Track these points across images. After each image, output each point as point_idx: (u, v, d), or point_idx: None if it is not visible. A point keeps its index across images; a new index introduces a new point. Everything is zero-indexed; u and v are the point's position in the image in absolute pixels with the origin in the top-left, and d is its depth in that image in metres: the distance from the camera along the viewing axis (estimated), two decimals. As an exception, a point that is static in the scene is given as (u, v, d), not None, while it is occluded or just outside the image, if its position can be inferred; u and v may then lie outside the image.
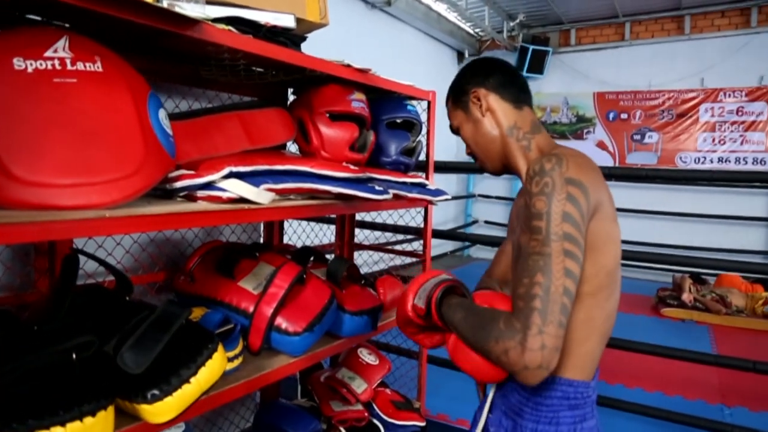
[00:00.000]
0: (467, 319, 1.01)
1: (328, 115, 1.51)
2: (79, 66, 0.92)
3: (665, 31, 7.20)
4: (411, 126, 1.86)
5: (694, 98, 7.01)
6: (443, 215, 8.03)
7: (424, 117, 1.95)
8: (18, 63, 0.86)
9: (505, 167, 1.20)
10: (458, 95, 1.22)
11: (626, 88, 7.37)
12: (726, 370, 3.55)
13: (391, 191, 1.57)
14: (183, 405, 0.96)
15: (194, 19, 0.97)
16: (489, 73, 1.18)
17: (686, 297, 5.35)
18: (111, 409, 0.87)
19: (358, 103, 1.55)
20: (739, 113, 6.81)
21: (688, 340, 4.51)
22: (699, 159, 7.05)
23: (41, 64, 0.88)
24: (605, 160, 7.49)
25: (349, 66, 1.45)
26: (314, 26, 1.45)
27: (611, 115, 7.49)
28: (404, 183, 1.72)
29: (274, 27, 1.24)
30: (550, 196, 0.92)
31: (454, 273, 1.19)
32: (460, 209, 8.75)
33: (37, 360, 0.85)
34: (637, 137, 7.37)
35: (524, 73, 7.69)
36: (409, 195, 1.70)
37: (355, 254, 2.35)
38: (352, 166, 1.45)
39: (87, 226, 0.85)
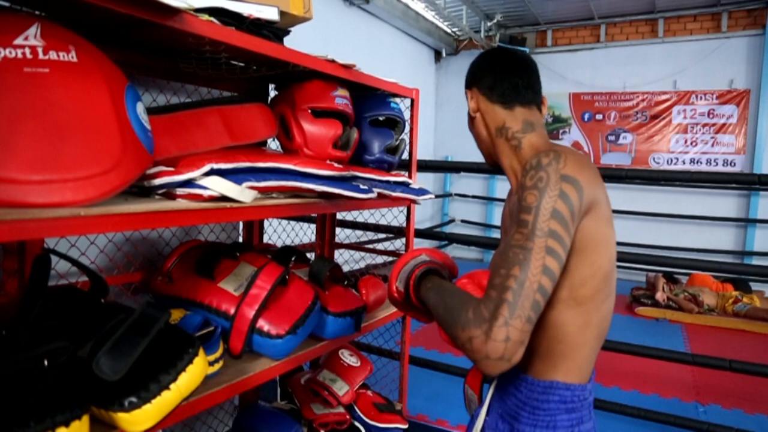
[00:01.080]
0: (441, 303, 0.99)
1: (311, 111, 1.47)
2: (52, 55, 0.87)
3: (639, 33, 7.31)
4: (394, 124, 1.83)
5: (667, 100, 7.14)
6: (421, 214, 8.04)
7: (407, 115, 1.93)
8: (-15, 51, 0.81)
9: (496, 164, 1.20)
10: (466, 88, 1.23)
11: (601, 90, 7.46)
12: (700, 369, 3.62)
13: (375, 190, 1.54)
14: (162, 412, 0.92)
15: (176, 9, 0.93)
16: (482, 74, 1.17)
17: (660, 296, 5.43)
18: (86, 419, 0.82)
19: (341, 99, 1.52)
20: (710, 116, 6.95)
21: (662, 339, 4.58)
22: (672, 160, 7.17)
23: (10, 53, 0.83)
24: (581, 160, 7.56)
25: (333, 61, 1.42)
26: (298, 20, 1.41)
27: (587, 116, 7.58)
28: (388, 182, 1.69)
29: (258, 19, 1.20)
30: (543, 191, 0.91)
31: None
32: (437, 208, 8.77)
33: (5, 367, 0.80)
34: (612, 138, 7.47)
35: (502, 74, 7.72)
36: (393, 194, 1.67)
37: (336, 253, 2.31)
38: (335, 164, 1.42)
39: (61, 225, 0.80)
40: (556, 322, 1.00)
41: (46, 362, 0.84)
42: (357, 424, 1.78)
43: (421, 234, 2.79)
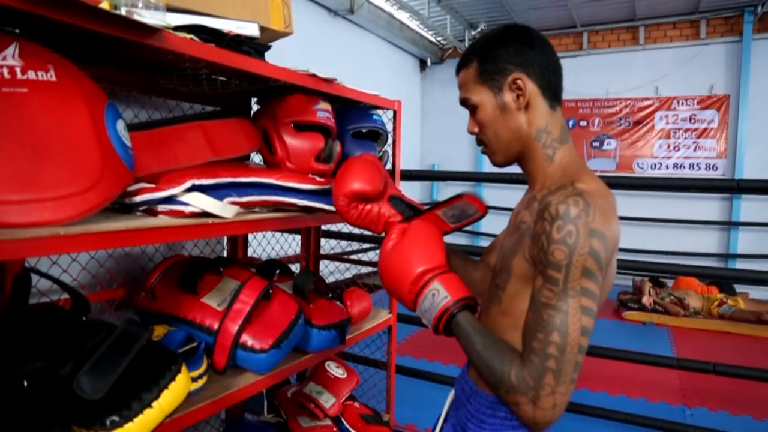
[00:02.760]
0: (475, 346, 0.94)
1: (293, 125, 1.48)
2: (31, 75, 0.87)
3: (621, 41, 7.42)
4: (377, 136, 1.85)
5: (649, 106, 7.24)
6: (408, 223, 8.04)
7: (390, 126, 1.94)
8: (-37, 72, 0.81)
9: (515, 162, 1.06)
10: (489, 71, 0.99)
11: (585, 96, 7.55)
12: (686, 372, 3.65)
13: (359, 202, 1.55)
14: (145, 431, 0.92)
15: (154, 28, 0.94)
16: (537, 56, 0.98)
17: (646, 300, 5.49)
18: (67, 439, 0.82)
19: (323, 113, 1.52)
20: (692, 121, 7.06)
21: (649, 342, 4.62)
22: (655, 165, 7.26)
23: (-12, 74, 0.83)
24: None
25: (314, 76, 1.43)
26: (279, 35, 1.42)
27: (571, 122, 7.65)
28: (371, 193, 1.70)
29: (238, 36, 1.20)
30: (573, 248, 0.84)
31: None
32: (425, 216, 8.78)
33: (-16, 389, 0.80)
34: (596, 144, 7.55)
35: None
36: (377, 205, 1.68)
37: (322, 265, 2.32)
38: (318, 178, 1.43)
39: (40, 245, 0.80)
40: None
41: (25, 383, 0.84)
42: (344, 436, 1.78)
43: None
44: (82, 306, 1.11)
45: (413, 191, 8.39)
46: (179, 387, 0.97)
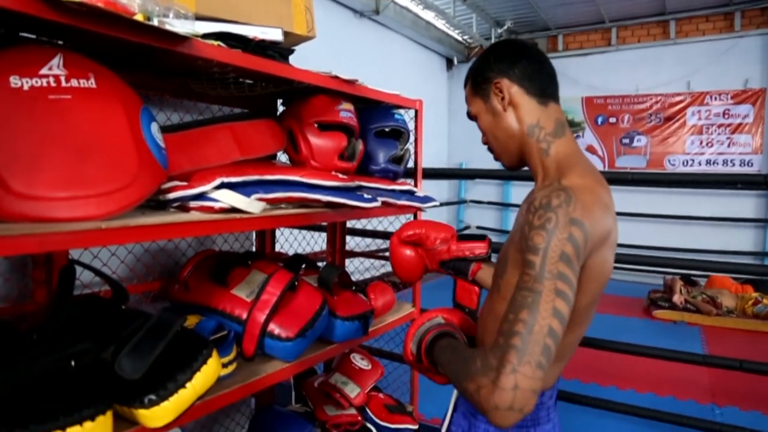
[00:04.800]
0: (451, 360, 0.99)
1: (317, 125, 1.54)
2: (74, 83, 0.95)
3: (651, 36, 7.31)
4: (399, 134, 1.90)
5: (681, 102, 7.11)
6: (436, 220, 8.06)
7: (412, 125, 1.99)
8: (14, 81, 0.89)
9: (522, 163, 1.13)
10: (479, 82, 1.11)
11: (614, 93, 7.46)
12: (717, 371, 3.60)
13: (380, 199, 1.60)
14: (179, 409, 0.99)
15: (184, 36, 1.01)
16: (515, 60, 1.07)
17: (677, 299, 5.40)
18: (109, 414, 0.90)
19: (346, 113, 1.59)
20: (726, 116, 6.91)
21: (680, 342, 4.55)
22: (687, 161, 7.14)
23: (37, 82, 0.91)
24: (595, 164, 7.48)
25: (336, 77, 1.49)
26: (302, 39, 1.49)
27: (600, 120, 7.58)
28: (393, 190, 1.76)
29: (263, 41, 1.27)
30: (551, 233, 0.87)
31: (442, 280, 1.22)
32: (452, 215, 8.80)
33: (37, 367, 0.88)
34: (626, 141, 7.46)
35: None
36: (398, 202, 1.73)
37: (347, 262, 2.38)
38: (341, 175, 1.48)
39: (84, 238, 0.88)
40: None
41: (73, 363, 0.92)
42: (368, 425, 1.83)
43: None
44: (121, 296, 1.20)
45: (441, 190, 8.42)
46: (210, 370, 1.04)
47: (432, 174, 2.87)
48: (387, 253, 2.28)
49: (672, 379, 3.69)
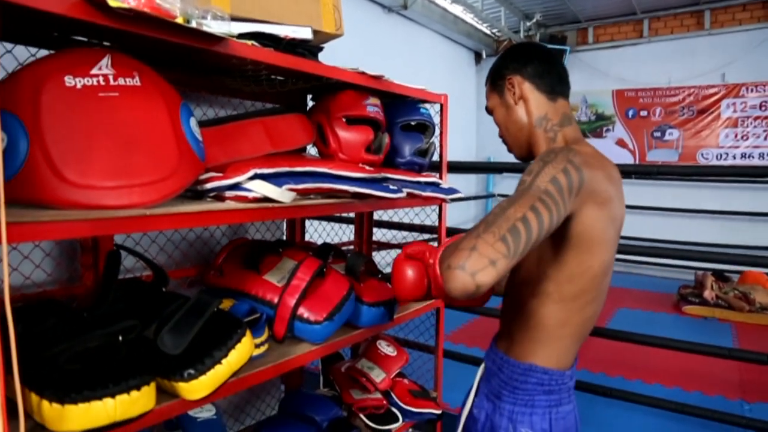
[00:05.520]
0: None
1: (344, 119, 1.60)
2: (120, 81, 1.03)
3: (684, 26, 7.17)
4: (424, 128, 1.95)
5: (715, 94, 6.97)
6: (464, 215, 8.09)
7: (437, 119, 2.04)
8: (68, 80, 0.97)
9: (531, 154, 1.22)
10: (495, 79, 1.25)
11: (645, 86, 7.35)
12: (747, 367, 3.56)
13: (405, 190, 1.66)
14: (215, 384, 1.06)
15: (220, 36, 1.08)
16: (528, 60, 1.19)
17: (708, 294, 5.33)
18: (153, 385, 0.97)
19: (373, 107, 1.64)
20: (763, 108, 6.75)
21: (710, 338, 4.50)
22: (721, 155, 6.99)
23: (88, 81, 0.99)
24: (625, 158, 7.47)
25: (363, 73, 1.55)
26: (330, 37, 1.55)
27: (631, 113, 7.47)
28: (418, 182, 1.81)
29: (293, 39, 1.34)
30: (548, 163, 0.94)
31: None
32: (480, 209, 8.80)
33: (88, 341, 0.96)
34: (658, 134, 7.35)
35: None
36: (423, 194, 1.78)
37: (376, 255, 2.44)
38: (367, 167, 1.54)
39: (131, 223, 0.96)
40: (537, 313, 1.06)
41: (120, 338, 1.00)
42: (393, 409, 1.90)
43: (454, 232, 2.89)
44: (162, 279, 1.28)
45: (468, 183, 8.42)
46: (244, 348, 1.11)
47: (459, 167, 2.91)
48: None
49: (700, 374, 3.67)
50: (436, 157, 2.03)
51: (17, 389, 0.75)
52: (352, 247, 2.28)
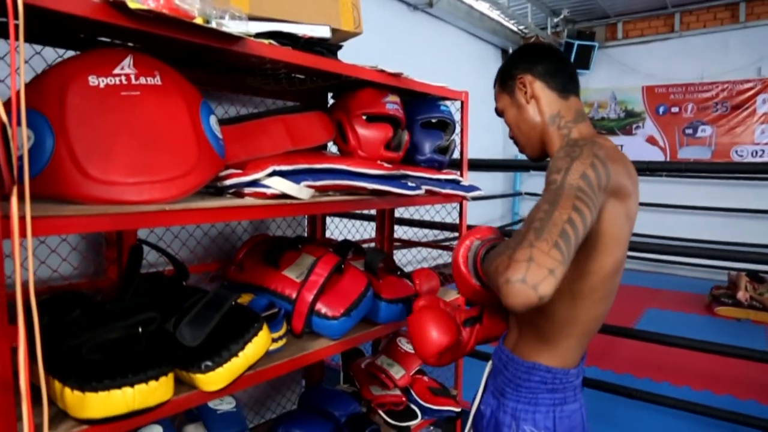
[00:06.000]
0: (490, 259, 0.97)
1: (364, 117, 1.61)
2: (142, 80, 1.06)
3: (718, 20, 6.98)
4: (445, 125, 1.95)
5: (750, 89, 6.77)
6: (490, 213, 8.03)
7: (458, 117, 2.03)
8: (92, 80, 1.00)
9: (544, 153, 1.21)
10: (505, 79, 1.23)
11: (677, 81, 7.18)
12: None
13: (424, 187, 1.66)
14: (232, 376, 1.09)
15: (238, 36, 1.10)
16: (538, 59, 1.18)
17: (742, 295, 5.19)
18: (171, 376, 1.00)
19: (392, 105, 1.65)
20: (801, 103, 6.54)
21: (743, 340, 4.34)
22: (756, 152, 6.79)
23: (111, 80, 1.02)
24: (655, 155, 7.31)
25: (382, 71, 1.56)
26: (349, 35, 1.56)
27: (661, 109, 7.31)
28: (438, 179, 1.81)
29: (311, 38, 1.35)
30: (575, 159, 0.93)
31: None
32: (507, 207, 8.73)
33: (109, 332, 0.99)
34: (689, 131, 7.17)
35: (570, 69, 7.61)
36: (443, 191, 1.78)
37: (399, 254, 2.44)
38: (386, 164, 1.55)
39: (150, 218, 0.99)
40: (545, 310, 1.04)
41: (140, 329, 1.03)
42: (412, 405, 1.90)
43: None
44: (182, 273, 1.31)
45: (495, 182, 8.35)
46: (261, 342, 1.13)
47: (482, 165, 2.89)
48: (433, 241, 2.34)
49: (731, 377, 3.57)
50: (457, 155, 2.03)
51: (41, 376, 0.78)
52: (373, 244, 2.30)
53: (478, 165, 2.90)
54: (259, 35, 1.21)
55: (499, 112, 1.28)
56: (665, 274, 7.01)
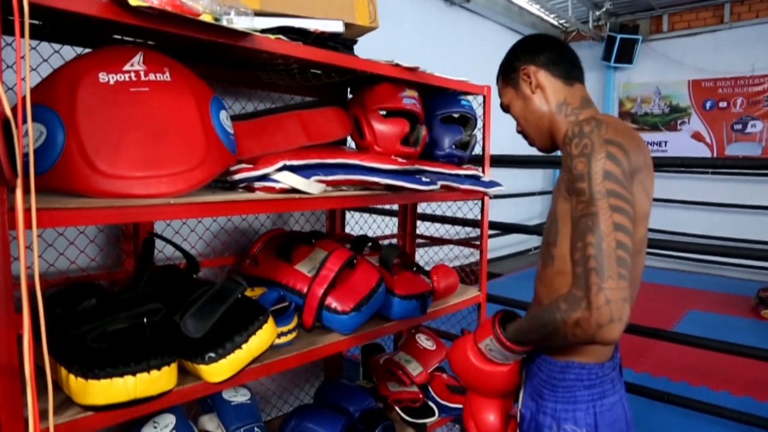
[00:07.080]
0: (531, 326, 1.03)
1: (380, 112, 1.61)
2: (151, 77, 1.09)
3: (772, 10, 6.65)
4: (466, 120, 1.92)
5: (804, 82, 6.44)
6: (529, 211, 7.89)
7: (480, 111, 2.00)
8: (102, 77, 1.03)
9: (554, 143, 1.21)
10: (508, 73, 1.23)
11: (725, 75, 6.88)
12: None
13: (441, 182, 1.65)
14: (235, 368, 1.10)
15: (244, 32, 1.11)
16: (539, 49, 1.18)
17: (791, 298, 4.95)
18: (174, 366, 1.02)
19: (409, 99, 1.64)
20: None
21: (790, 344, 4.18)
22: (811, 148, 6.46)
23: (121, 77, 1.05)
24: (702, 152, 7.03)
25: (397, 65, 1.54)
26: (365, 30, 1.56)
27: (708, 104, 7.03)
28: (457, 175, 1.78)
29: (323, 33, 1.35)
30: (590, 156, 0.93)
31: (526, 271, 1.23)
32: (545, 205, 8.56)
33: (114, 322, 1.02)
34: (738, 127, 6.87)
35: (612, 63, 7.41)
36: (461, 186, 1.75)
37: (429, 252, 2.42)
38: (400, 159, 1.54)
39: (156, 211, 1.01)
40: None
41: (144, 320, 1.06)
42: (429, 402, 1.89)
43: (497, 226, 2.84)
44: (193, 265, 1.34)
45: (534, 178, 8.19)
46: (265, 335, 1.15)
47: (498, 161, 2.83)
48: (455, 237, 2.32)
49: (775, 383, 3.42)
50: (477, 150, 2.00)
51: (46, 363, 0.80)
52: (394, 240, 2.29)
53: (505, 161, 2.85)
54: (266, 30, 1.22)
55: (505, 107, 1.27)
56: (709, 275, 6.74)
